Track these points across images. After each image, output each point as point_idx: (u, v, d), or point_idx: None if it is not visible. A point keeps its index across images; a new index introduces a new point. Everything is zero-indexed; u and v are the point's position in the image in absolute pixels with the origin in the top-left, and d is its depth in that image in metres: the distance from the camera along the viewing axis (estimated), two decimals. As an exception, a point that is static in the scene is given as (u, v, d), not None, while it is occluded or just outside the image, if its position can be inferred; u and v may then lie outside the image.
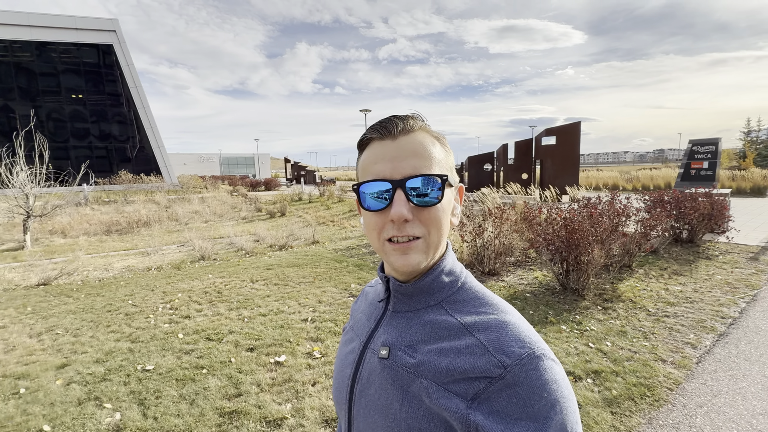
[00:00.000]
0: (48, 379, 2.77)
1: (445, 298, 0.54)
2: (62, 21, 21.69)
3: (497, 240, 5.26)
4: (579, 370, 2.62)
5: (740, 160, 23.19)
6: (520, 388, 0.43)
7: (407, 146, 0.51)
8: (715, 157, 14.56)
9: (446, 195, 0.51)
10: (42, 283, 5.84)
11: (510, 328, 0.47)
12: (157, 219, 13.74)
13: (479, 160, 19.06)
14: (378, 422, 0.50)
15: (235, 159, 67.13)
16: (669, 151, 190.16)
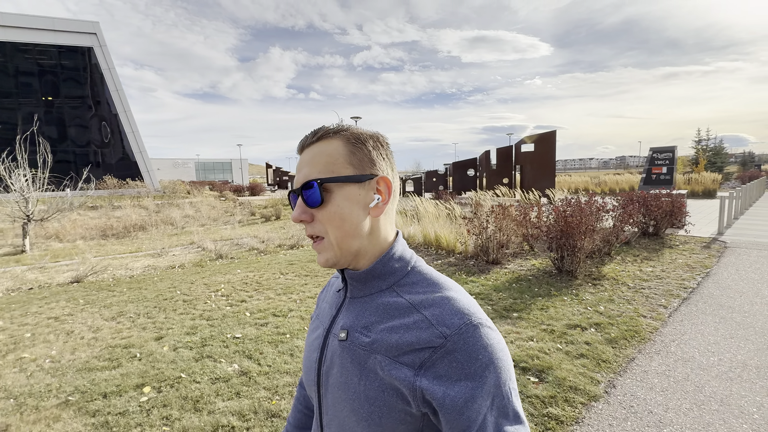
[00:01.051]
0: (153, 347, 3.27)
1: (396, 282, 0.58)
2: (40, 22, 21.14)
3: (500, 233, 6.09)
4: (584, 323, 3.42)
5: (693, 166, 25.66)
6: (458, 354, 0.48)
7: (305, 158, 0.58)
8: (672, 163, 16.29)
9: (340, 193, 0.55)
10: (75, 281, 6.11)
11: (452, 303, 0.52)
12: (153, 223, 13.79)
13: (463, 165, 20.17)
14: (341, 397, 0.55)
15: (212, 164, 65.80)
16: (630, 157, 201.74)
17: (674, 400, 2.30)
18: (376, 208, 0.58)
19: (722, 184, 21.57)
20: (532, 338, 3.17)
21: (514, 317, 3.67)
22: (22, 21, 20.67)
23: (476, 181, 19.53)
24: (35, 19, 21.05)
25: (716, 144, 30.41)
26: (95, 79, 23.20)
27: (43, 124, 22.32)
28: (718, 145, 30.32)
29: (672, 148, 16.45)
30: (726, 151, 31.96)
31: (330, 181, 0.55)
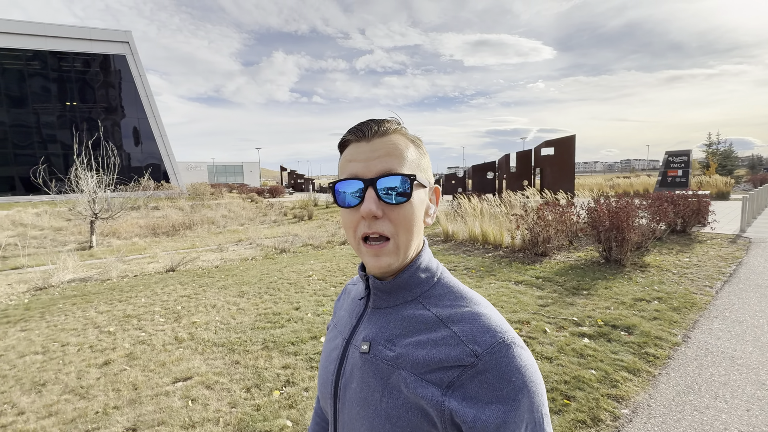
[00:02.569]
0: (297, 314, 4.02)
1: (422, 294, 0.55)
2: (77, 32, 22.19)
3: (549, 228, 6.81)
4: (647, 297, 4.14)
5: (704, 169, 26.24)
6: (490, 374, 0.46)
7: (380, 147, 0.53)
8: (687, 166, 16.95)
9: (417, 195, 0.53)
10: (170, 269, 6.89)
11: (482, 319, 0.50)
12: (197, 222, 14.61)
13: (482, 168, 20.91)
14: (360, 414, 0.52)
15: (224, 167, 67.04)
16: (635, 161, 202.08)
17: (739, 345, 3.02)
18: (430, 216, 0.57)
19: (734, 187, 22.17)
20: (608, 307, 3.89)
21: (584, 294, 4.39)
22: (62, 31, 21.72)
23: (495, 184, 20.24)
24: (74, 29, 22.11)
25: (726, 148, 30.98)
26: (126, 85, 24.21)
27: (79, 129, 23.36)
28: (728, 149, 30.88)
29: (687, 151, 17.11)
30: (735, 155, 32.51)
31: (418, 182, 0.53)
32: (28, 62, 21.45)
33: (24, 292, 5.71)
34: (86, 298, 5.14)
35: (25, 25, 20.65)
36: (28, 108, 21.89)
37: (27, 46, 21.04)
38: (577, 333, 3.29)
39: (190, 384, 2.68)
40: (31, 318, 4.36)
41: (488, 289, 4.72)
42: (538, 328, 3.40)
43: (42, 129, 22.27)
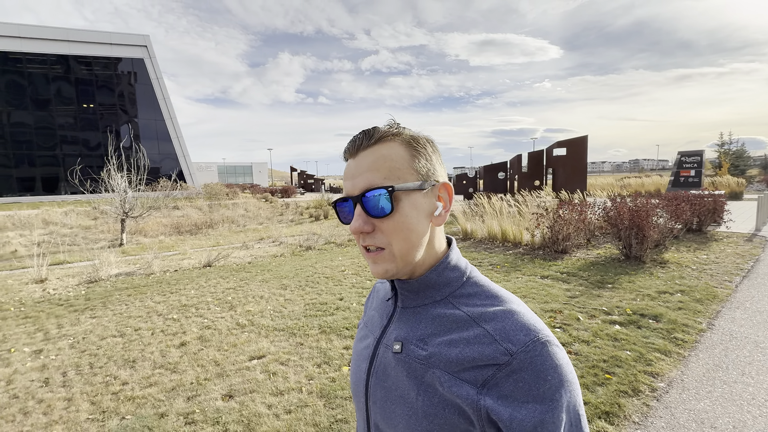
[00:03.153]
0: (343, 304, 4.34)
1: (451, 293, 0.55)
2: (99, 36, 22.84)
3: (569, 226, 7.06)
4: (670, 290, 4.39)
5: (716, 169, 26.16)
6: (525, 373, 0.45)
7: (364, 162, 0.53)
8: (700, 166, 17.01)
9: (408, 201, 0.53)
10: (207, 265, 7.27)
11: (515, 317, 0.50)
12: (218, 221, 15.05)
13: (493, 168, 21.11)
14: (396, 411, 0.53)
15: (233, 168, 67.93)
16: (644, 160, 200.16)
17: (761, 332, 3.27)
18: (439, 216, 0.55)
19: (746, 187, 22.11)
20: (634, 299, 4.16)
21: (608, 287, 4.66)
22: (84, 36, 22.37)
23: (506, 184, 20.44)
24: (95, 34, 22.75)
25: (738, 148, 30.79)
26: (144, 87, 24.82)
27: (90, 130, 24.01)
28: (740, 149, 30.69)
29: (700, 152, 17.17)
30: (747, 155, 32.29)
31: (400, 190, 0.52)
32: (52, 66, 22.14)
33: (77, 285, 6.12)
34: (138, 290, 5.52)
35: (50, 30, 21.33)
36: (51, 110, 22.57)
37: (51, 51, 21.72)
38: (608, 321, 3.57)
39: (266, 361, 3.01)
40: (95, 307, 4.74)
41: (516, 283, 5.00)
42: (571, 317, 3.68)
43: (64, 131, 22.95)
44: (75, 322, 4.20)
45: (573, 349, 3.01)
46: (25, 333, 3.94)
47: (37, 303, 5.09)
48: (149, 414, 2.37)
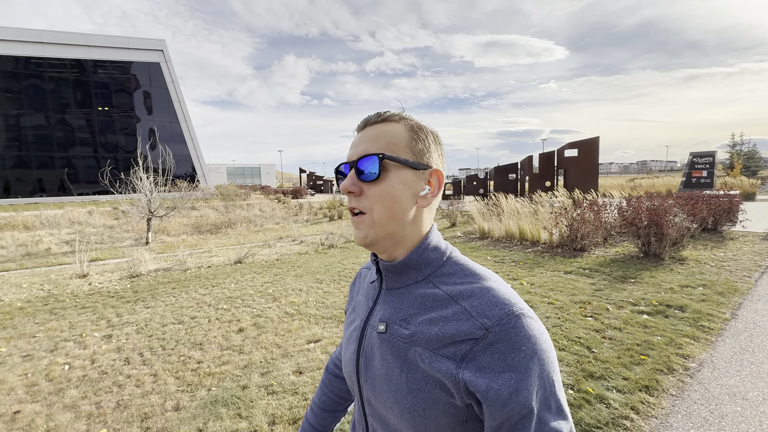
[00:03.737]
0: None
1: (432, 273, 0.59)
2: (117, 41, 23.43)
3: (587, 224, 7.27)
4: (692, 284, 4.60)
5: (728, 170, 26.07)
6: (500, 344, 0.48)
7: (367, 134, 0.59)
8: (712, 167, 17.07)
9: (397, 175, 0.57)
10: (237, 261, 7.58)
11: (491, 293, 0.53)
12: (237, 221, 15.43)
13: (504, 170, 21.31)
14: (384, 388, 0.57)
15: (242, 169, 68.70)
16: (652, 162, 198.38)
17: (782, 321, 3.48)
18: (425, 198, 0.59)
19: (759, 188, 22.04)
20: (658, 292, 4.37)
21: (631, 282, 4.87)
22: (103, 41, 22.98)
23: (517, 185, 20.62)
24: (114, 39, 23.36)
25: (750, 148, 30.63)
26: (160, 91, 25.37)
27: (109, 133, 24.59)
28: (752, 150, 30.53)
29: (712, 153, 17.23)
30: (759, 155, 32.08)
31: (391, 159, 0.56)
32: (71, 70, 22.75)
33: (119, 279, 6.46)
34: (180, 283, 5.84)
35: (71, 36, 21.95)
36: (70, 113, 23.17)
37: (71, 56, 22.34)
38: (636, 311, 3.80)
39: (323, 344, 3.29)
40: (145, 299, 5.06)
41: (542, 278, 5.23)
42: (600, 307, 3.91)
43: (83, 133, 23.54)
44: (132, 312, 4.51)
45: (607, 334, 3.24)
46: (88, 321, 4.26)
47: (88, 295, 5.42)
48: (232, 386, 2.66)
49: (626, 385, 2.47)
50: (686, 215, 7.47)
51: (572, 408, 2.24)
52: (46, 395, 2.68)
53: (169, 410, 2.43)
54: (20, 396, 2.69)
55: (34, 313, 4.65)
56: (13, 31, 20.56)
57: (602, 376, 2.58)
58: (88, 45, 22.64)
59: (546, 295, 4.44)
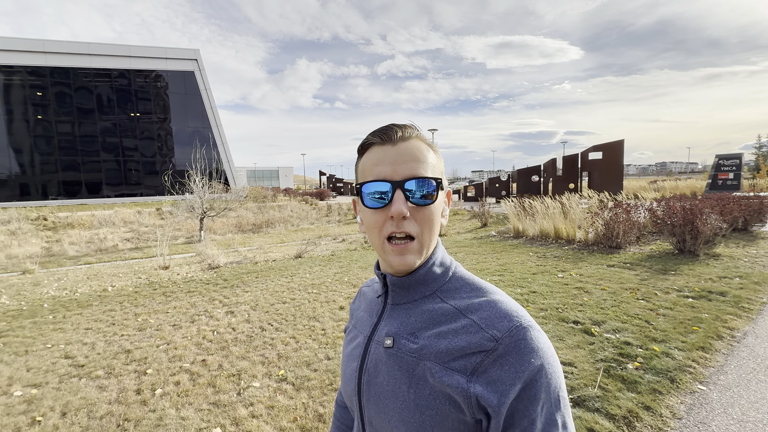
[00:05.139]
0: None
1: (439, 288, 0.59)
2: (155, 51, 24.82)
3: (626, 224, 7.78)
4: (729, 276, 5.12)
5: (754, 172, 25.83)
6: (510, 357, 0.48)
7: (406, 151, 0.56)
8: (739, 169, 17.17)
9: (439, 197, 0.57)
10: (297, 256, 8.36)
11: (498, 306, 0.53)
12: (275, 221, 16.33)
13: (527, 172, 21.74)
14: (389, 406, 0.55)
15: (261, 172, 70.48)
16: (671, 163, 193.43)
17: (815, 304, 4.00)
18: (444, 217, 0.61)
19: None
20: (698, 281, 4.91)
21: (672, 273, 5.41)
22: (143, 51, 24.40)
23: (540, 187, 21.01)
24: (152, 50, 24.76)
25: (777, 150, 30.15)
26: (194, 98, 26.68)
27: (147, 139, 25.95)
28: (779, 151, 30.04)
29: (739, 155, 17.34)
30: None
31: (441, 185, 0.57)
32: (115, 79, 24.21)
33: (201, 270, 7.29)
34: (260, 274, 6.62)
35: (114, 47, 23.42)
36: (113, 119, 24.62)
37: (114, 66, 23.80)
38: (682, 296, 4.36)
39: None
40: (238, 285, 5.84)
41: (587, 270, 5.81)
42: (649, 293, 4.49)
43: (125, 138, 24.98)
44: (235, 295, 5.29)
45: (660, 312, 3.83)
46: (203, 301, 5.04)
47: (185, 282, 6.24)
48: (362, 345, 3.36)
49: (685, 345, 3.07)
50: (718, 215, 7.91)
51: (645, 360, 2.86)
52: (216, 350, 3.44)
53: (323, 359, 3.14)
54: (197, 351, 3.45)
55: (151, 295, 5.48)
56: (66, 45, 22.11)
57: (663, 340, 3.18)
58: (130, 56, 24.08)
59: (597, 283, 5.04)
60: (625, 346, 3.10)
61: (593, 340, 3.23)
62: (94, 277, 7.13)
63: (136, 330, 4.05)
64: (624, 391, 2.46)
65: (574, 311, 3.96)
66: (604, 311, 3.91)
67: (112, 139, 24.51)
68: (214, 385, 2.82)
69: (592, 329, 3.46)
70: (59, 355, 3.45)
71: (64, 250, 10.77)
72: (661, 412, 2.26)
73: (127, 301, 5.22)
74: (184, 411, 2.49)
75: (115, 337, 3.87)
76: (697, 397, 2.42)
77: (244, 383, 2.82)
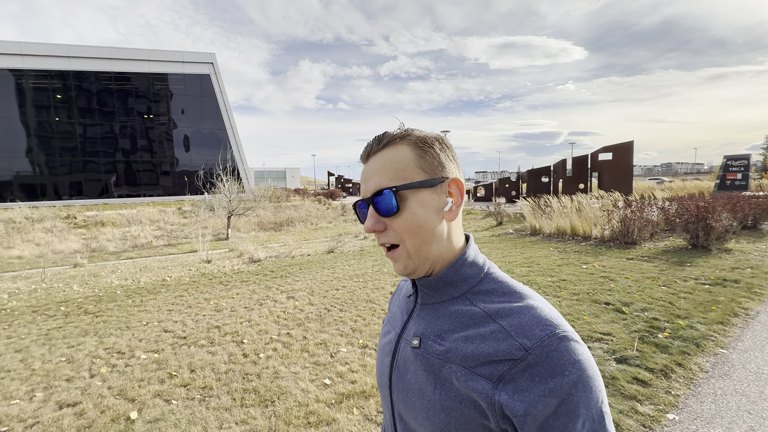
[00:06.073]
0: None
1: (469, 290, 0.57)
2: (173, 56, 25.53)
3: (642, 221, 8.24)
4: (741, 267, 5.58)
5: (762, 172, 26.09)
6: (541, 368, 0.46)
7: (373, 166, 0.58)
8: (747, 170, 17.55)
9: (415, 199, 0.55)
10: (329, 251, 8.89)
11: (532, 313, 0.51)
12: (296, 219, 16.90)
13: (537, 173, 22.20)
14: (416, 404, 0.56)
15: (268, 173, 71.33)
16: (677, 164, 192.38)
17: (820, 290, 4.47)
18: (450, 211, 0.57)
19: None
20: (713, 271, 5.38)
21: (688, 265, 5.88)
22: (161, 55, 25.11)
23: (550, 187, 21.45)
24: (170, 53, 25.46)
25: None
26: (210, 100, 27.37)
27: (167, 141, 26.64)
28: (786, 152, 30.26)
29: (747, 155, 17.71)
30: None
31: (404, 188, 0.55)
32: (133, 83, 24.94)
33: (244, 263, 7.84)
34: (301, 266, 7.15)
35: (135, 51, 24.15)
36: (133, 121, 25.34)
37: (134, 69, 24.53)
38: (699, 283, 4.84)
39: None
40: (286, 276, 6.37)
41: (608, 262, 6.29)
42: (669, 281, 4.97)
43: (143, 139, 25.70)
44: (287, 283, 5.82)
45: (681, 296, 4.31)
46: (260, 289, 5.58)
47: (236, 274, 6.79)
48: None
49: (705, 321, 3.56)
50: (729, 213, 8.35)
51: (672, 331, 3.35)
52: (294, 326, 3.97)
53: (392, 332, 3.66)
54: (278, 327, 3.98)
55: (209, 284, 6.02)
56: (88, 49, 22.86)
57: (686, 317, 3.67)
58: (149, 59, 24.80)
59: (619, 273, 5.52)
60: (653, 321, 3.59)
61: (625, 317, 3.73)
62: (145, 270, 7.70)
63: (213, 311, 4.59)
64: (658, 353, 2.96)
65: (603, 295, 4.46)
66: (631, 295, 4.40)
67: (131, 140, 25.23)
68: (307, 350, 3.35)
69: (623, 309, 3.95)
70: (159, 330, 4.00)
71: (103, 246, 11.37)
72: (690, 367, 2.76)
73: (191, 288, 5.77)
74: (293, 368, 3.02)
75: (198, 316, 4.41)
76: (720, 358, 2.91)
77: (332, 349, 3.35)
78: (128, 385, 2.83)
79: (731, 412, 2.27)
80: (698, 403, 2.37)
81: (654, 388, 2.52)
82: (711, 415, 2.25)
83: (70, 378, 2.99)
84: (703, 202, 7.48)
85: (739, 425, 2.16)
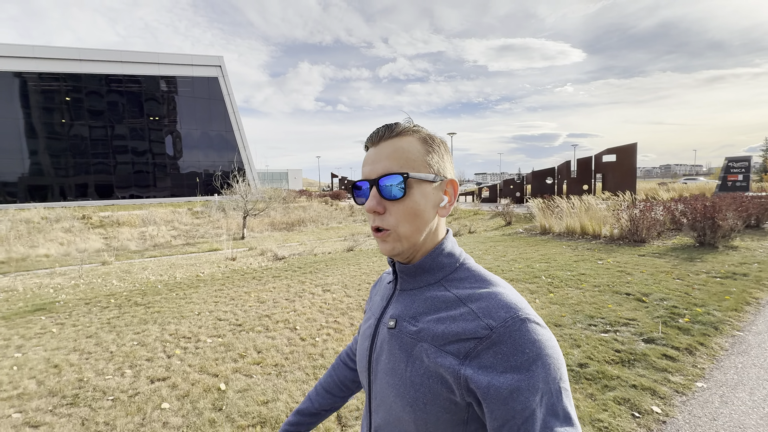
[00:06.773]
0: (506, 265, 6.09)
1: (444, 277, 0.62)
2: (182, 59, 25.89)
3: (651, 219, 8.57)
4: (748, 262, 5.91)
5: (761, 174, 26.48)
6: (504, 346, 0.50)
7: (384, 150, 0.61)
8: (748, 171, 17.91)
9: (419, 190, 0.60)
10: (349, 250, 9.20)
11: (499, 297, 0.55)
12: (307, 220, 17.21)
13: (541, 174, 22.55)
14: (389, 382, 0.60)
15: (271, 174, 71.70)
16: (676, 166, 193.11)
17: (824, 282, 4.80)
18: (444, 208, 0.63)
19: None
20: (723, 266, 5.71)
21: (698, 261, 6.20)
22: (171, 59, 25.46)
23: (554, 188, 21.79)
24: (179, 57, 25.82)
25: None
26: (218, 103, 27.71)
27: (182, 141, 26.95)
28: (786, 154, 30.69)
29: (748, 157, 18.09)
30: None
31: (414, 177, 0.59)
32: (143, 85, 25.28)
33: (269, 261, 8.15)
34: (327, 263, 7.46)
35: (145, 54, 24.49)
36: (142, 123, 25.66)
37: (144, 72, 24.87)
38: (710, 276, 5.17)
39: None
40: (314, 271, 6.67)
41: (621, 259, 6.62)
42: (682, 274, 5.30)
43: (154, 141, 26.01)
44: (317, 278, 6.13)
45: (695, 287, 4.64)
46: (294, 283, 5.88)
47: (265, 270, 7.10)
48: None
49: (721, 308, 3.89)
50: (734, 212, 8.69)
51: (692, 317, 3.68)
52: (339, 315, 4.28)
53: (433, 319, 3.98)
54: (323, 316, 4.29)
55: (243, 279, 6.33)
56: (100, 53, 23.19)
57: (702, 305, 4.00)
58: (159, 63, 25.15)
59: (634, 267, 5.85)
60: (673, 308, 3.92)
61: (646, 305, 4.05)
62: (175, 266, 8.01)
63: (257, 302, 4.90)
64: (681, 335, 3.28)
65: (623, 287, 4.78)
66: (648, 287, 4.73)
67: (139, 142, 25.53)
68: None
69: (643, 298, 4.28)
70: (213, 319, 4.31)
71: (124, 245, 11.68)
72: (711, 346, 3.09)
73: (228, 283, 6.08)
74: (351, 349, 3.34)
75: (244, 307, 4.72)
76: (737, 339, 3.24)
77: (382, 334, 3.66)
78: (206, 364, 3.14)
79: (752, 381, 2.60)
80: (722, 374, 2.69)
81: (681, 363, 2.84)
82: (735, 383, 2.58)
83: (149, 358, 3.31)
84: (711, 202, 7.82)
85: (760, 391, 2.48)
